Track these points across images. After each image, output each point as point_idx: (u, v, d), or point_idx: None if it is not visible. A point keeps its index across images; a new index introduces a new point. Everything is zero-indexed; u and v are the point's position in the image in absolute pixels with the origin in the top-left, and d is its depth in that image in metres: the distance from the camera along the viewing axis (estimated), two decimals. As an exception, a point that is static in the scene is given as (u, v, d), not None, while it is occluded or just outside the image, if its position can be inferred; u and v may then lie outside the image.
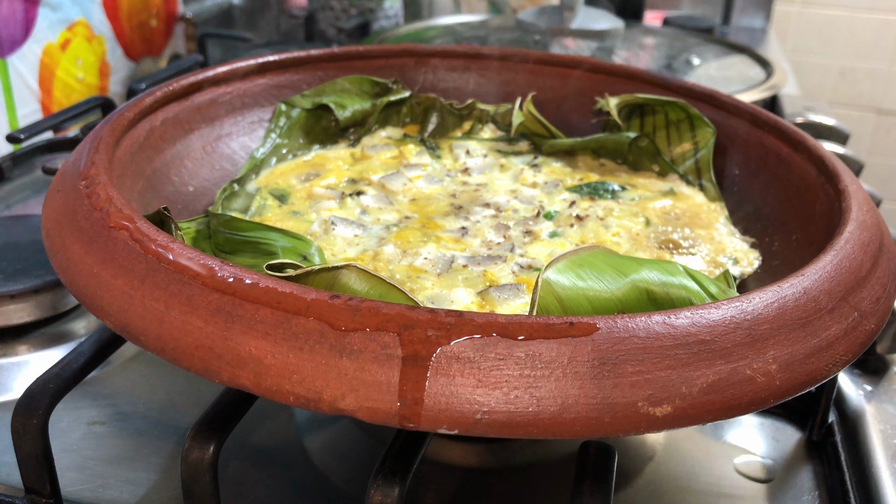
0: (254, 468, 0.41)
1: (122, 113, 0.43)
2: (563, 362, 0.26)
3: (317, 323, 0.27)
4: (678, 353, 0.27)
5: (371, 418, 0.26)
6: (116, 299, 0.30)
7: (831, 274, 0.32)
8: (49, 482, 0.36)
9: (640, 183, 0.53)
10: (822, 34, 1.69)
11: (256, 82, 0.54)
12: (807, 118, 0.85)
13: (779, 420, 0.47)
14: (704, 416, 0.27)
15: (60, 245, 0.33)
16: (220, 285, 0.28)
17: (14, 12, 0.73)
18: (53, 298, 0.50)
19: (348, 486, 0.41)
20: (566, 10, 0.99)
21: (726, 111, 0.53)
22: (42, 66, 0.77)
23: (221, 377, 0.27)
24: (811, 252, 0.35)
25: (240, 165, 0.52)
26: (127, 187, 0.41)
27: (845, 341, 0.31)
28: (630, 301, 0.34)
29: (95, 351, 0.38)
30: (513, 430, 0.26)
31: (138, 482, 0.40)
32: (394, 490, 0.29)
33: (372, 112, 0.58)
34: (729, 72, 0.94)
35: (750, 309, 0.29)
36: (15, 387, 0.46)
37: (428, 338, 0.26)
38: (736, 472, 0.43)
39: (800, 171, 0.46)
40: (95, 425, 0.44)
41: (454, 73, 0.61)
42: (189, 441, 0.32)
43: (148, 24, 0.94)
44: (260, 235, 0.40)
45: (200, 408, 0.33)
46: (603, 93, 0.57)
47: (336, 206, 0.48)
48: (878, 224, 0.38)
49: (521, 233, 0.46)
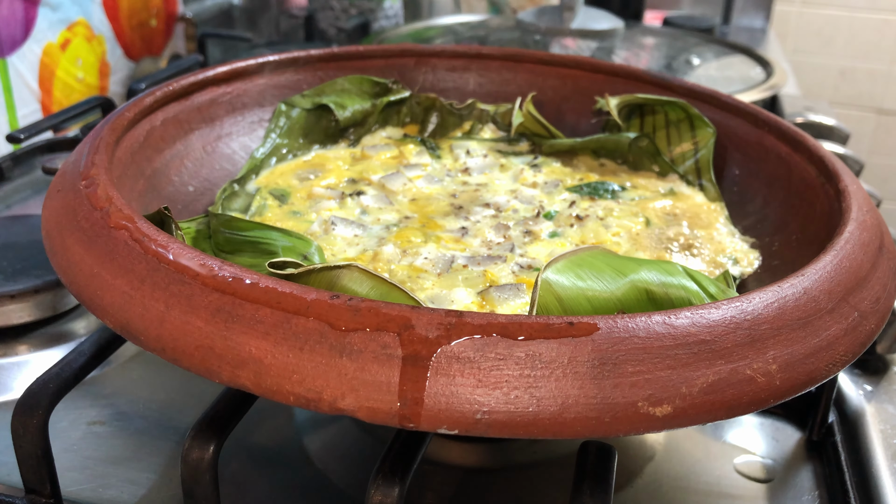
0: (254, 468, 0.41)
1: (122, 113, 0.43)
2: (563, 362, 0.26)
3: (317, 323, 0.27)
4: (678, 353, 0.27)
5: (371, 418, 0.26)
6: (116, 299, 0.30)
7: (831, 274, 0.32)
8: (49, 482, 0.36)
9: (640, 183, 0.53)
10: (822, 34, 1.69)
11: (256, 82, 0.54)
12: (807, 118, 0.85)
13: (779, 420, 0.47)
14: (704, 416, 0.27)
15: (60, 245, 0.33)
16: (220, 285, 0.28)
17: (14, 12, 0.73)
18: (53, 298, 0.50)
19: (348, 486, 0.41)
20: (566, 10, 0.99)
21: (726, 111, 0.53)
22: (42, 66, 0.77)
23: (221, 377, 0.27)
24: (811, 252, 0.35)
25: (240, 165, 0.52)
26: (127, 187, 0.41)
27: (845, 341, 0.31)
28: (629, 301, 0.34)
29: (95, 351, 0.38)
30: (513, 430, 0.26)
31: (138, 482, 0.40)
32: (394, 490, 0.29)
33: (372, 112, 0.58)
34: (729, 72, 0.94)
35: (750, 309, 0.29)
36: (15, 387, 0.46)
37: (428, 338, 0.26)
38: (736, 472, 0.43)
39: (800, 171, 0.46)
40: (95, 425, 0.44)
41: (454, 73, 0.61)
42: (189, 441, 0.32)
43: (148, 24, 0.94)
44: (260, 235, 0.40)
45: (200, 408, 0.33)
46: (603, 93, 0.57)
47: (336, 206, 0.48)
48: (878, 224, 0.38)
49: (521, 233, 0.46)
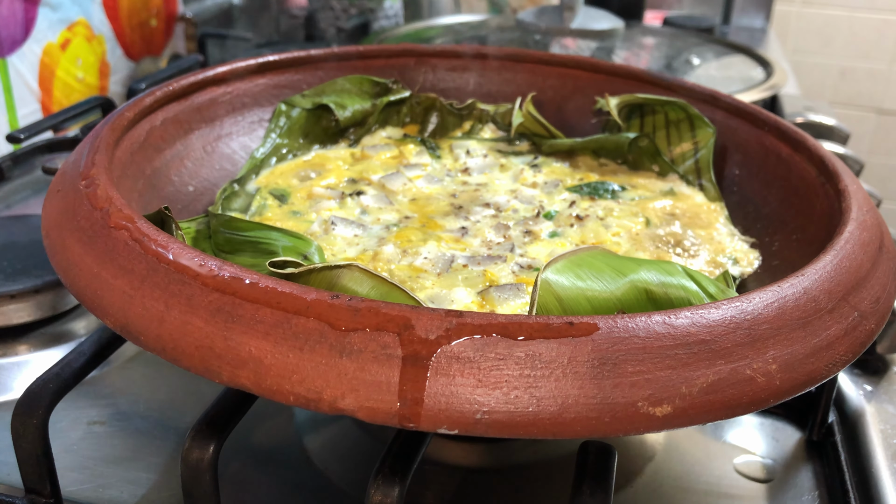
0: (254, 468, 0.41)
1: (122, 113, 0.43)
2: (563, 362, 0.26)
3: (317, 323, 0.27)
4: (678, 353, 0.27)
5: (371, 418, 0.26)
6: (116, 299, 0.30)
7: (831, 274, 0.32)
8: (49, 482, 0.36)
9: (640, 183, 0.53)
10: (822, 34, 1.69)
11: (256, 82, 0.54)
12: (807, 118, 0.85)
13: (779, 420, 0.46)
14: (704, 416, 0.27)
15: (60, 245, 0.33)
16: (220, 285, 0.28)
17: (14, 12, 0.73)
18: (53, 298, 0.50)
19: (348, 486, 0.41)
20: (566, 10, 0.99)
21: (726, 111, 0.53)
22: (42, 65, 0.77)
23: (221, 377, 0.27)
24: (811, 252, 0.35)
25: (240, 165, 0.52)
26: (127, 187, 0.41)
27: (845, 341, 0.31)
28: (629, 301, 0.34)
29: (95, 351, 0.38)
30: (513, 430, 0.26)
31: (138, 482, 0.40)
32: (394, 490, 0.29)
33: (372, 112, 0.58)
34: (729, 72, 0.94)
35: (750, 309, 0.29)
36: (15, 387, 0.46)
37: (428, 338, 0.26)
38: (736, 472, 0.43)
39: (800, 171, 0.46)
40: (95, 425, 0.44)
41: (454, 73, 0.61)
42: (189, 441, 0.32)
43: (148, 24, 0.94)
44: (260, 235, 0.40)
45: (200, 408, 0.33)
46: (603, 93, 0.57)
47: (336, 206, 0.48)
48: (878, 224, 0.38)
49: (521, 233, 0.46)
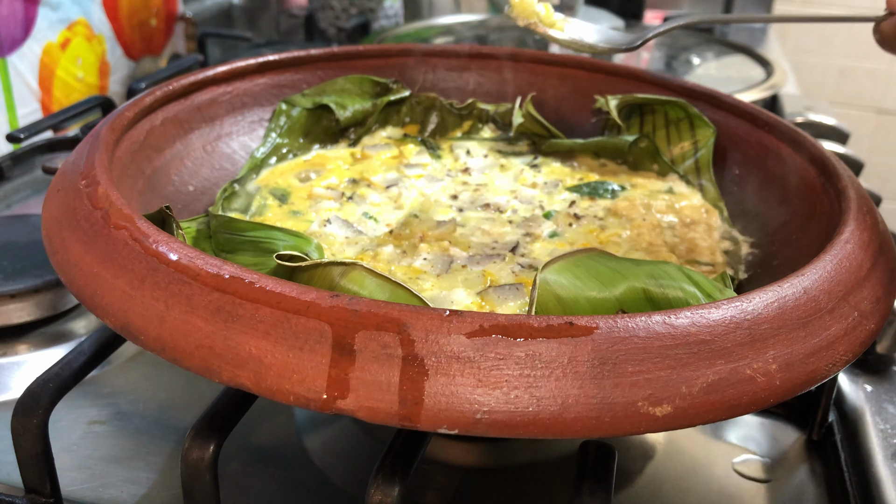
0: (254, 468, 0.41)
1: (121, 112, 0.43)
2: (563, 362, 0.26)
3: (317, 323, 0.27)
4: (678, 352, 0.27)
5: (371, 418, 0.26)
6: (116, 299, 0.30)
7: (831, 274, 0.32)
8: (49, 482, 0.36)
9: (639, 183, 0.53)
10: (822, 34, 1.69)
11: (256, 82, 0.54)
12: (807, 118, 0.85)
13: (779, 420, 0.46)
14: (704, 416, 0.27)
15: (60, 245, 0.33)
16: (221, 285, 0.28)
17: (14, 12, 0.73)
18: (53, 298, 0.50)
19: (348, 486, 0.41)
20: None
21: (726, 111, 0.53)
22: (42, 65, 0.77)
23: (221, 377, 0.27)
24: (811, 252, 0.35)
25: (240, 165, 0.52)
26: (127, 187, 0.41)
27: (845, 341, 0.31)
28: (628, 301, 0.34)
29: (95, 350, 0.38)
30: (513, 430, 0.26)
31: (138, 482, 0.40)
32: (394, 490, 0.29)
33: (372, 112, 0.58)
34: (729, 72, 0.94)
35: (750, 309, 0.29)
36: (15, 386, 0.46)
37: (428, 338, 0.26)
38: (736, 472, 0.43)
39: (800, 171, 0.46)
40: (95, 425, 0.44)
41: (454, 72, 0.61)
42: (189, 441, 0.32)
43: (148, 24, 0.94)
44: (261, 234, 0.40)
45: (200, 408, 0.33)
46: (603, 92, 0.57)
47: (336, 206, 0.48)
48: (878, 224, 0.38)
49: (521, 233, 0.46)
